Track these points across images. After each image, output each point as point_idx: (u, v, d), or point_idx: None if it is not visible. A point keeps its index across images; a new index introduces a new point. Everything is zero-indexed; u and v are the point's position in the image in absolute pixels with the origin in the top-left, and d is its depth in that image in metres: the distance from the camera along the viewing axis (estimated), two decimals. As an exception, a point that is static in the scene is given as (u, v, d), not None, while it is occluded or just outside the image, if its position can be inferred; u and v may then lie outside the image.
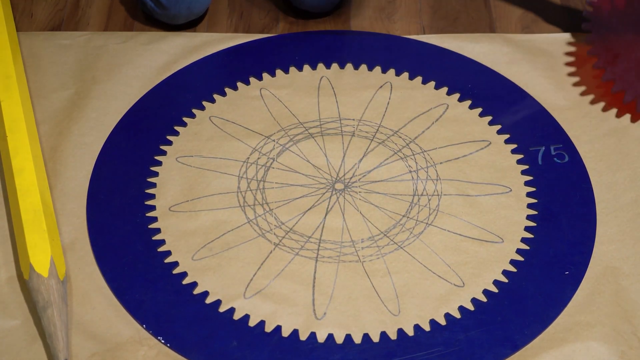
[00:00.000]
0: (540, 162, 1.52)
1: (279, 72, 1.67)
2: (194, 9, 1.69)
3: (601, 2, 1.60)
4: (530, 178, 1.50)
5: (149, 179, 1.48)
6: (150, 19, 1.76)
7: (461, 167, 1.51)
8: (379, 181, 1.49)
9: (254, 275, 1.36)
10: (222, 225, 1.42)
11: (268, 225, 1.43)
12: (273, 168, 1.51)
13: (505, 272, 1.37)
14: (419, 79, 1.66)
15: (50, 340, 1.23)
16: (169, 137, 1.55)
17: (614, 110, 1.61)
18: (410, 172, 1.51)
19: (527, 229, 1.43)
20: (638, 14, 1.57)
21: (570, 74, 1.68)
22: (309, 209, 1.45)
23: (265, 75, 1.66)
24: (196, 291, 1.34)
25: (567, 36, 1.76)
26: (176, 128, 1.57)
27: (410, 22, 1.79)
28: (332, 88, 1.64)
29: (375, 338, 1.29)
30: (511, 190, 1.48)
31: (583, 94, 1.64)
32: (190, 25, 1.75)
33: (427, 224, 1.43)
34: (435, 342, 1.28)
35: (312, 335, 1.29)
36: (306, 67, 1.68)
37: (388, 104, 1.62)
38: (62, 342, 1.23)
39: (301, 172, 1.50)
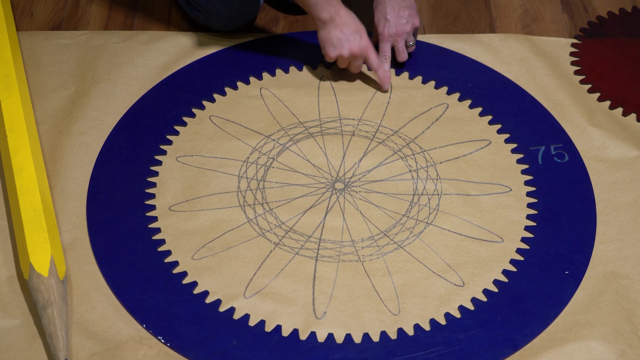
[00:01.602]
0: (540, 162, 1.52)
1: (279, 71, 1.67)
2: (245, 11, 1.68)
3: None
4: (531, 177, 1.50)
5: (149, 179, 1.48)
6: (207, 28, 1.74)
7: (461, 166, 1.51)
8: (379, 180, 1.49)
9: (254, 275, 1.36)
10: (222, 224, 1.42)
11: (268, 225, 1.42)
12: (273, 167, 1.51)
13: (505, 272, 1.37)
14: (419, 78, 1.66)
15: (50, 340, 1.23)
16: (169, 137, 1.55)
17: (618, 110, 1.61)
18: (410, 171, 1.51)
19: (527, 228, 1.43)
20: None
21: (570, 74, 1.68)
22: (309, 209, 1.45)
23: (265, 74, 1.66)
24: (196, 291, 1.34)
25: (566, 36, 1.76)
26: (176, 127, 1.57)
27: (411, 21, 1.79)
28: (332, 87, 1.64)
29: (375, 337, 1.29)
30: (511, 190, 1.48)
31: (583, 93, 1.64)
32: (241, 28, 1.74)
33: (427, 223, 1.43)
34: (435, 341, 1.28)
35: (312, 334, 1.29)
36: (306, 67, 1.68)
37: (388, 103, 1.62)
38: (62, 342, 1.23)
39: (301, 172, 1.50)
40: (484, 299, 1.34)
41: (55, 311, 1.25)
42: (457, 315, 1.32)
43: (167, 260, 1.38)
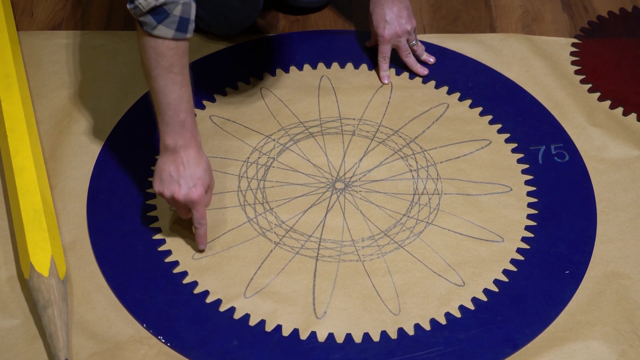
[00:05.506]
0: (540, 161, 1.52)
1: (279, 71, 1.67)
2: (244, 18, 1.68)
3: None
4: (531, 177, 1.50)
5: (150, 178, 1.48)
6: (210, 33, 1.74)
7: (461, 166, 1.51)
8: (379, 180, 1.49)
9: (254, 275, 1.36)
10: (223, 224, 1.42)
11: (268, 224, 1.42)
12: (273, 167, 1.51)
13: (505, 272, 1.37)
14: (419, 78, 1.66)
15: (50, 340, 1.23)
16: (169, 137, 1.55)
17: (618, 109, 1.61)
18: (411, 171, 1.51)
19: (527, 228, 1.43)
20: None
21: (571, 73, 1.68)
22: (309, 208, 1.45)
23: (265, 74, 1.66)
24: (196, 290, 1.34)
25: (567, 36, 1.76)
26: (176, 127, 1.57)
27: (411, 21, 1.79)
28: (333, 87, 1.64)
29: (376, 337, 1.29)
30: (511, 190, 1.48)
31: (583, 93, 1.64)
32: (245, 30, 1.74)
33: (427, 223, 1.43)
34: (435, 341, 1.28)
35: (313, 334, 1.29)
36: (306, 67, 1.68)
37: (388, 103, 1.62)
38: (62, 342, 1.23)
39: (301, 171, 1.50)
40: (484, 298, 1.34)
41: (55, 311, 1.25)
42: (458, 315, 1.32)
43: (168, 260, 1.38)
